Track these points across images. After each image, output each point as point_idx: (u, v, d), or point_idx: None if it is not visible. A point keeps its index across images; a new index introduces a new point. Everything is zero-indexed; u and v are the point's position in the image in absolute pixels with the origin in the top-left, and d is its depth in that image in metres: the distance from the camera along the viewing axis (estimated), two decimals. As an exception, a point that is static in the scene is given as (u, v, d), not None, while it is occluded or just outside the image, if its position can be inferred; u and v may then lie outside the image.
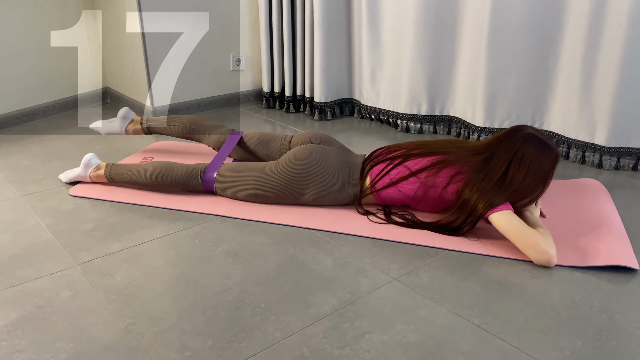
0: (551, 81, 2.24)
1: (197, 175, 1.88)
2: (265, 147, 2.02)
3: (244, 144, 2.05)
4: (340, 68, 2.81)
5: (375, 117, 2.78)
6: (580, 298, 1.35)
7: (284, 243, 1.62)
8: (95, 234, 1.68)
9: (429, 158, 1.70)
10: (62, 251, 1.59)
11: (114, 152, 2.38)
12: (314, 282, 1.42)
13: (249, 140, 2.05)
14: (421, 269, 1.48)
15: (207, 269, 1.49)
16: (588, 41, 2.07)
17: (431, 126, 2.60)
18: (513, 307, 1.32)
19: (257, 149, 2.03)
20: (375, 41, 2.63)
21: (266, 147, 2.02)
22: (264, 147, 2.02)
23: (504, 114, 2.35)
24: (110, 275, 1.46)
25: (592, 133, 2.16)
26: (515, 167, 1.57)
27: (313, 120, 2.86)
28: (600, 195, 1.87)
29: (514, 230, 1.51)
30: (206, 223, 1.74)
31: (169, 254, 1.57)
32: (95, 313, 1.31)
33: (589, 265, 1.46)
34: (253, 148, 2.04)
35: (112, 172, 1.95)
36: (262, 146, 2.03)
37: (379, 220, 1.73)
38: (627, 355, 1.16)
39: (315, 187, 1.77)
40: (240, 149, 2.07)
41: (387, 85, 2.66)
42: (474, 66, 2.36)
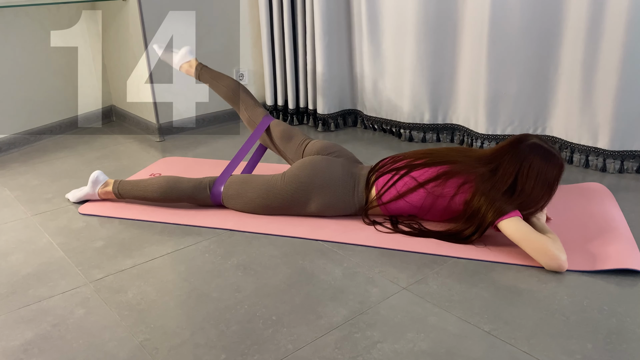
0: (552, 86, 2.26)
1: (206, 188, 1.90)
2: (284, 144, 2.05)
3: (269, 130, 2.10)
4: (342, 79, 2.84)
5: (379, 127, 2.81)
6: (589, 302, 1.36)
7: (293, 255, 1.63)
8: (106, 251, 1.70)
9: (435, 168, 1.72)
10: (74, 269, 1.61)
11: (122, 169, 2.41)
12: (324, 293, 1.44)
13: (274, 129, 2.09)
14: (430, 277, 1.49)
15: (218, 282, 1.51)
16: (587, 46, 2.09)
17: (434, 135, 2.63)
18: (522, 313, 1.33)
19: (277, 141, 2.08)
20: (377, 52, 2.66)
21: (285, 143, 2.05)
22: (283, 142, 2.06)
23: (506, 120, 2.37)
24: (122, 292, 1.48)
25: (595, 137, 2.17)
26: (523, 179, 1.59)
27: (317, 132, 2.88)
28: (606, 198, 1.89)
29: (524, 236, 1.52)
30: (215, 237, 1.76)
31: (179, 269, 1.58)
32: (109, 330, 1.32)
33: (598, 269, 1.47)
34: (275, 139, 2.09)
35: (120, 188, 1.98)
36: (281, 141, 2.06)
37: (386, 230, 1.74)
38: (638, 358, 1.16)
39: (321, 197, 1.79)
40: (265, 134, 2.12)
41: (389, 95, 2.69)
42: (475, 74, 2.39)
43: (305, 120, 3.01)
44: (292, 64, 2.92)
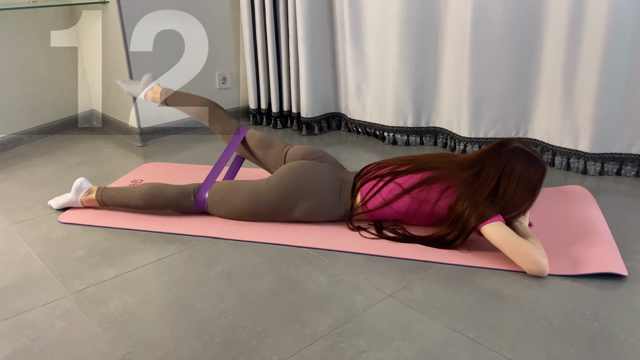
0: (534, 90, 2.28)
1: (190, 195, 1.88)
2: (263, 152, 2.02)
3: (245, 141, 2.05)
4: (325, 83, 2.84)
5: (362, 130, 2.81)
6: (572, 307, 1.37)
7: (278, 262, 1.62)
8: (87, 261, 1.67)
9: (419, 174, 1.72)
10: (54, 280, 1.58)
11: (103, 175, 2.38)
12: (309, 302, 1.43)
13: (250, 139, 2.04)
14: (415, 284, 1.49)
15: (202, 292, 1.49)
16: (568, 50, 2.11)
17: (418, 138, 2.63)
18: (507, 318, 1.33)
19: (255, 151, 2.03)
20: (359, 56, 2.66)
21: (264, 151, 2.01)
22: (262, 150, 2.02)
23: (488, 123, 2.38)
24: (104, 303, 1.45)
25: (576, 140, 2.20)
26: (505, 182, 1.60)
27: (301, 135, 2.87)
28: (587, 201, 1.91)
29: (506, 241, 1.53)
30: (198, 245, 1.74)
31: (162, 279, 1.56)
32: (91, 343, 1.30)
33: (580, 274, 1.48)
34: (252, 148, 2.04)
35: (104, 196, 1.95)
36: (260, 149, 2.02)
37: (370, 236, 1.74)
38: (620, 362, 1.18)
39: (307, 203, 1.78)
40: (242, 145, 2.07)
41: (372, 98, 2.69)
42: (457, 77, 2.40)
43: (289, 123, 3.00)
44: (275, 67, 2.90)
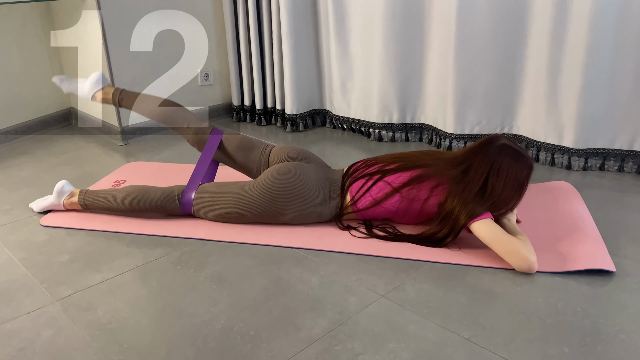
0: (518, 86, 2.30)
1: (175, 198, 1.85)
2: (244, 155, 1.94)
3: (223, 146, 1.95)
4: (310, 79, 2.82)
5: (347, 126, 2.79)
6: (564, 304, 1.38)
7: (269, 264, 1.61)
8: (72, 266, 1.63)
9: (407, 172, 1.72)
10: (38, 287, 1.53)
11: (85, 176, 2.32)
12: (302, 304, 1.42)
13: (228, 144, 1.94)
14: (407, 284, 1.49)
15: (193, 296, 1.47)
16: (552, 47, 2.12)
17: (403, 134, 2.63)
18: (500, 317, 1.34)
19: (235, 155, 1.94)
20: (344, 52, 2.64)
21: (245, 155, 1.93)
22: (242, 154, 1.94)
23: (474, 120, 2.39)
24: (92, 310, 1.42)
25: (561, 136, 2.22)
26: (493, 179, 1.60)
27: (286, 132, 2.85)
28: (572, 197, 1.93)
29: (495, 238, 1.53)
30: (186, 247, 1.71)
31: (151, 283, 1.53)
32: (80, 352, 1.27)
33: (569, 270, 1.50)
34: (232, 153, 1.94)
35: (87, 199, 1.90)
36: (241, 153, 1.94)
37: (361, 235, 1.73)
38: (613, 359, 1.19)
39: (297, 206, 1.76)
40: (218, 151, 1.96)
41: (357, 95, 2.68)
42: (442, 74, 2.40)
43: (274, 120, 2.97)
44: (258, 63, 2.87)
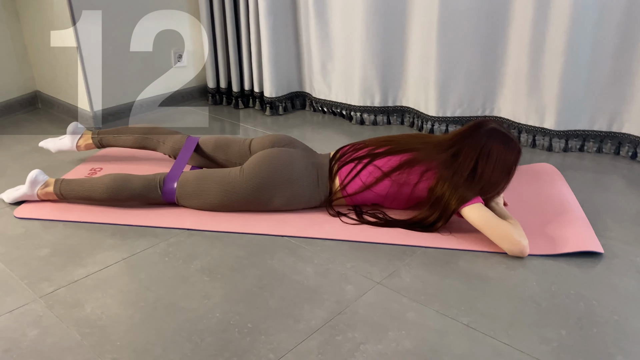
0: (500, 68, 2.30)
1: (156, 187, 1.79)
2: (223, 152, 1.94)
3: (201, 150, 1.96)
4: (289, 61, 2.75)
5: (328, 109, 2.76)
6: (557, 287, 1.40)
7: (261, 254, 1.57)
8: (53, 261, 1.56)
9: (397, 156, 1.70)
10: (19, 284, 1.46)
11: (58, 164, 2.22)
12: (299, 294, 1.39)
13: (205, 145, 1.96)
14: (402, 270, 1.48)
15: (185, 289, 1.42)
16: (534, 30, 2.13)
17: (385, 117, 2.61)
18: (497, 302, 1.35)
19: (215, 155, 1.95)
20: (324, 33, 2.59)
21: (225, 152, 1.94)
22: (222, 152, 1.94)
23: (455, 102, 2.39)
24: (79, 307, 1.36)
25: (542, 117, 2.24)
26: (483, 163, 1.60)
27: (265, 115, 2.79)
28: (556, 179, 1.96)
29: (486, 223, 1.54)
30: (173, 238, 1.66)
31: (140, 276, 1.48)
32: (70, 352, 1.21)
33: (559, 253, 1.52)
34: (211, 154, 1.95)
35: (63, 189, 1.82)
36: (220, 151, 1.94)
37: (352, 222, 1.72)
38: (610, 341, 1.22)
39: (285, 192, 1.73)
40: (197, 155, 1.98)
41: (338, 77, 2.63)
42: (424, 56, 2.38)
43: (251, 103, 2.90)
44: (234, 44, 2.79)
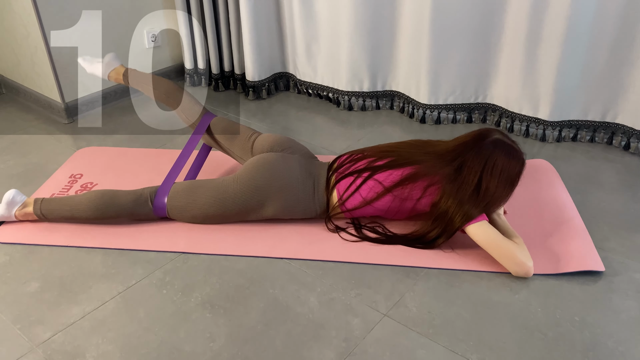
0: (494, 56, 2.22)
1: (147, 202, 1.71)
2: (229, 141, 1.89)
3: (210, 129, 1.92)
4: (271, 42, 2.61)
5: (314, 92, 2.65)
6: (561, 313, 1.41)
7: (261, 281, 1.53)
8: (45, 297, 1.49)
9: (399, 170, 1.65)
10: (12, 329, 1.40)
11: (33, 169, 2.09)
12: (305, 331, 1.37)
13: (215, 127, 1.92)
14: (407, 297, 1.47)
15: (187, 329, 1.39)
16: (532, 17, 2.04)
17: (374, 101, 2.53)
18: (503, 334, 1.36)
19: (220, 140, 1.92)
20: (308, 13, 2.44)
21: (230, 141, 1.89)
22: (227, 140, 1.89)
23: (448, 89, 2.32)
24: (80, 356, 1.32)
25: (536, 107, 2.19)
26: (487, 177, 1.56)
27: (248, 100, 2.67)
28: (553, 180, 1.94)
29: (492, 243, 1.52)
30: (168, 265, 1.60)
31: (138, 315, 1.43)
32: (77, 414, 1.18)
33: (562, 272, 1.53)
34: (217, 136, 1.91)
35: (44, 209, 1.72)
36: (225, 139, 1.90)
37: (351, 238, 1.68)
38: (615, 377, 1.24)
39: (279, 201, 1.67)
40: (207, 134, 1.94)
41: (324, 60, 2.51)
42: (416, 41, 2.27)
43: (232, 86, 2.76)
44: (212, 24, 2.61)
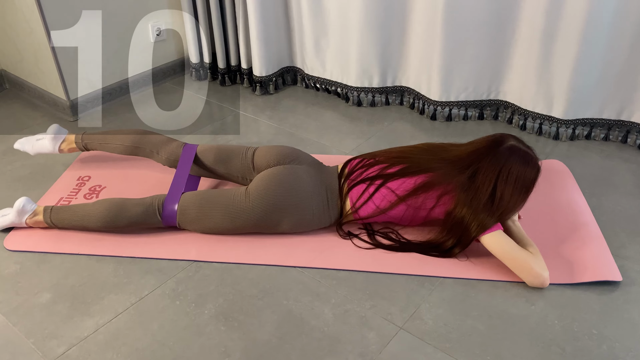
0: (509, 51, 2.17)
1: (155, 212, 1.68)
2: (224, 165, 1.82)
3: (200, 161, 1.84)
4: (279, 37, 2.55)
5: (322, 86, 2.60)
6: (579, 325, 1.40)
7: (274, 292, 1.52)
8: (57, 309, 1.48)
9: (412, 179, 1.62)
10: (25, 343, 1.39)
11: (40, 170, 2.07)
12: (320, 345, 1.36)
13: (204, 157, 1.83)
14: (422, 309, 1.46)
15: (201, 344, 1.38)
16: (548, 14, 1.98)
17: (383, 97, 2.48)
18: (521, 348, 1.34)
19: (215, 167, 1.83)
20: (317, 7, 2.38)
21: (226, 165, 1.82)
22: (223, 165, 1.82)
23: (460, 86, 2.27)
24: (94, 372, 1.31)
25: (550, 105, 2.15)
26: (502, 185, 1.54)
27: (255, 95, 2.62)
28: (568, 182, 1.91)
29: (507, 253, 1.51)
30: (180, 274, 1.59)
31: (152, 327, 1.42)
32: None
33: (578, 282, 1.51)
34: (211, 166, 1.83)
35: (54, 218, 1.70)
36: (221, 164, 1.82)
37: (365, 245, 1.66)
38: (634, 394, 1.23)
39: (294, 216, 1.65)
40: (196, 166, 1.85)
41: (333, 55, 2.46)
42: (429, 35, 2.22)
43: (239, 80, 2.72)
44: (218, 17, 2.55)
